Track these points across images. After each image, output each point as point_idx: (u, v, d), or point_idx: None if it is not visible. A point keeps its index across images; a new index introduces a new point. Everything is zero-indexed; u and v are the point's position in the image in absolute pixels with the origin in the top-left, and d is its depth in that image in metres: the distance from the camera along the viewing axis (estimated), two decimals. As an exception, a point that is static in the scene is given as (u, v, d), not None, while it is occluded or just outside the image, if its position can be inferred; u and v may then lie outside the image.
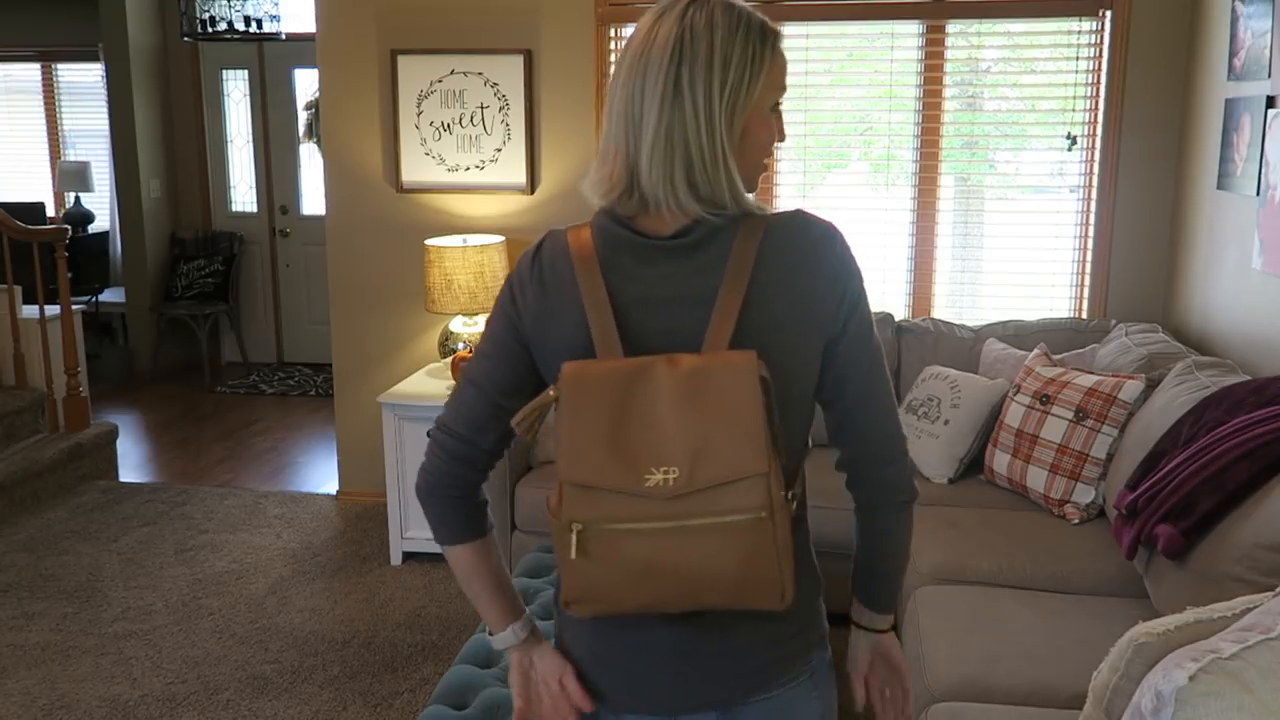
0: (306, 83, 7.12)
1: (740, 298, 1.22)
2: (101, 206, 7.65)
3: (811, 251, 1.27)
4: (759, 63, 1.24)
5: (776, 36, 1.27)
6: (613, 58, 4.25)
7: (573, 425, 1.18)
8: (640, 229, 1.28)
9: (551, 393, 1.21)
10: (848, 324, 1.30)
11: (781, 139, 1.33)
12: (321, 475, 5.08)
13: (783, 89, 1.30)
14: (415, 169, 4.32)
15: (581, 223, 1.33)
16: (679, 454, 1.15)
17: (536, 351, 1.31)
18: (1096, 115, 4.01)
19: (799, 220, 1.29)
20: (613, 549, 1.17)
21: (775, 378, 1.21)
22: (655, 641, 1.30)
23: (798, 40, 4.18)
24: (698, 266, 1.25)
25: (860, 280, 1.31)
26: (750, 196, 1.29)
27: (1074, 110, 4.04)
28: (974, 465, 3.48)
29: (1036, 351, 3.45)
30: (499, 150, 4.26)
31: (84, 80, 7.84)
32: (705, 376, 1.16)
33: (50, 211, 7.80)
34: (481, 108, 4.24)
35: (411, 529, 3.97)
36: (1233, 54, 3.39)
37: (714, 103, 1.22)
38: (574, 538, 1.16)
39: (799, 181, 4.30)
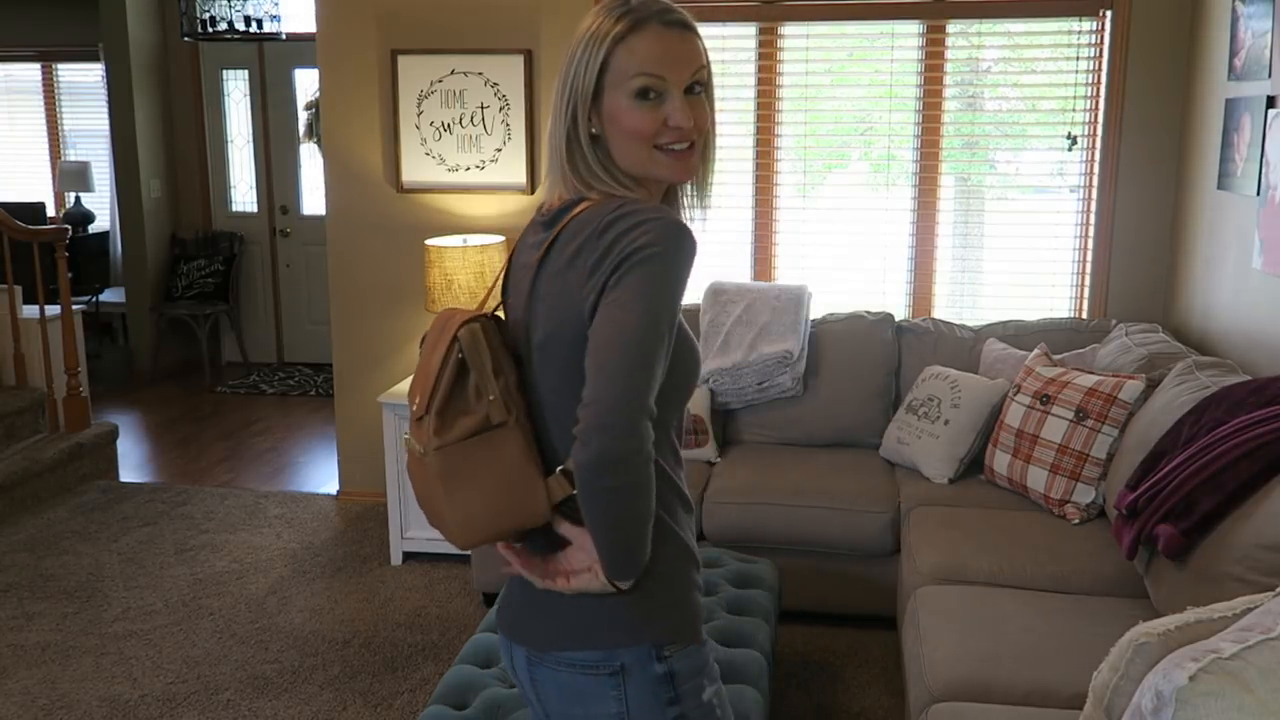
0: (306, 83, 7.12)
1: (532, 269, 1.39)
2: (102, 206, 7.65)
3: (594, 233, 1.31)
4: (592, 59, 1.34)
5: (633, 27, 1.33)
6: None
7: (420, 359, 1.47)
8: (546, 206, 1.46)
9: None
10: (600, 302, 1.27)
11: (675, 124, 1.34)
12: (322, 475, 5.08)
13: (643, 75, 1.33)
14: (415, 169, 4.32)
15: None
16: (419, 389, 1.39)
17: None
18: (1097, 115, 4.01)
19: (612, 205, 1.33)
20: (408, 458, 1.45)
21: (545, 351, 1.36)
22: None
23: (797, 40, 4.18)
24: (543, 240, 1.41)
25: (647, 275, 1.25)
26: (579, 183, 1.39)
27: (1074, 110, 4.04)
28: (974, 465, 3.48)
29: (1037, 351, 3.45)
30: (499, 150, 4.26)
31: (84, 80, 7.84)
32: (447, 330, 1.38)
33: (50, 211, 7.80)
34: (482, 108, 4.24)
35: (412, 529, 3.97)
36: (1233, 54, 3.39)
37: (558, 104, 1.40)
38: (404, 444, 1.49)
39: (799, 181, 4.30)
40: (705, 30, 1.42)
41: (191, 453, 5.47)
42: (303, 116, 7.18)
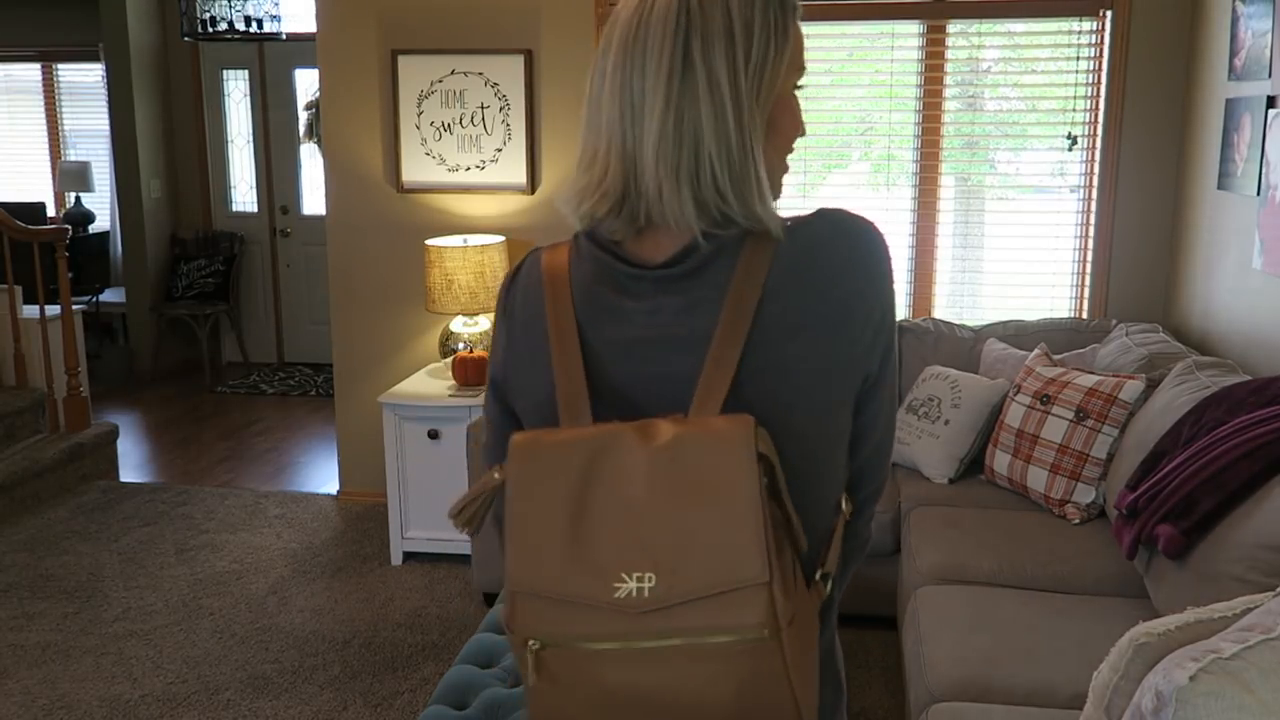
0: (307, 83, 7.12)
1: (740, 341, 0.97)
2: (102, 206, 7.65)
3: (846, 272, 1.01)
4: (783, 34, 1.00)
5: (796, 7, 1.03)
6: (613, 58, 4.25)
7: (523, 518, 0.93)
8: (627, 254, 1.03)
9: (497, 475, 0.96)
10: (885, 361, 1.05)
11: (802, 132, 1.08)
12: (322, 475, 5.08)
13: (803, 69, 1.06)
14: (416, 169, 4.32)
15: (560, 241, 1.09)
16: (656, 556, 0.90)
17: (512, 402, 1.09)
18: (1097, 115, 4.01)
19: (826, 228, 1.02)
20: (579, 672, 0.93)
21: (792, 440, 0.98)
22: None
23: (798, 40, 4.18)
24: (692, 301, 1.00)
25: (893, 301, 1.06)
26: (773, 207, 1.02)
27: (1074, 110, 4.04)
28: (974, 465, 3.48)
29: (1037, 351, 3.45)
30: (499, 150, 4.26)
31: (84, 80, 7.84)
32: (687, 452, 0.90)
33: (51, 211, 7.81)
34: (482, 108, 4.24)
35: (412, 529, 3.97)
36: (1233, 54, 3.39)
37: (738, 80, 0.98)
38: (531, 657, 0.93)
39: (799, 181, 4.30)
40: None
41: (191, 453, 5.47)
42: (303, 116, 7.18)
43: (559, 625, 0.91)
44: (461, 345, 4.11)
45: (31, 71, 7.91)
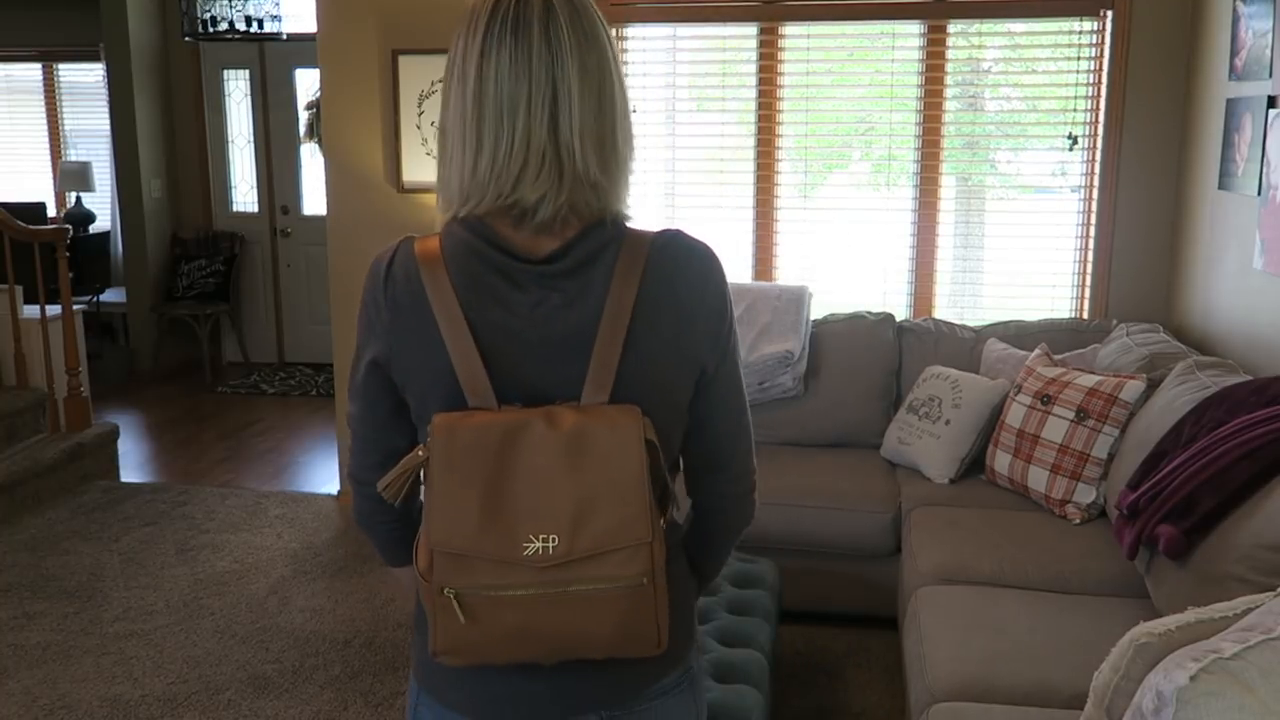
0: (307, 83, 7.12)
1: (621, 340, 1.14)
2: (103, 206, 7.65)
3: (699, 285, 1.20)
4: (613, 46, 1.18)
5: None
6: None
7: (445, 488, 1.09)
8: (506, 244, 1.15)
9: (421, 452, 1.12)
10: (721, 364, 1.25)
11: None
12: (322, 475, 5.08)
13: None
14: (416, 169, 4.32)
15: (431, 233, 1.20)
16: (559, 520, 1.09)
17: (398, 380, 1.21)
18: (1097, 115, 4.01)
19: (682, 246, 1.20)
20: (487, 614, 1.11)
21: (656, 419, 1.15)
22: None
23: (798, 40, 4.18)
24: (573, 296, 1.15)
25: (733, 312, 1.26)
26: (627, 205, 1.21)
27: (1075, 110, 4.04)
28: (975, 465, 3.48)
29: (1038, 351, 3.45)
30: (500, 150, 4.26)
31: (85, 80, 7.84)
32: (587, 436, 1.10)
33: (51, 211, 7.81)
34: (482, 108, 4.24)
35: (412, 529, 3.96)
36: (1234, 54, 3.39)
37: (612, 89, 1.17)
38: (454, 602, 1.11)
39: (799, 182, 4.30)
40: (706, 30, 1.38)
41: (192, 453, 5.47)
42: (303, 116, 7.18)
43: (471, 578, 1.10)
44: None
45: (32, 71, 7.92)
